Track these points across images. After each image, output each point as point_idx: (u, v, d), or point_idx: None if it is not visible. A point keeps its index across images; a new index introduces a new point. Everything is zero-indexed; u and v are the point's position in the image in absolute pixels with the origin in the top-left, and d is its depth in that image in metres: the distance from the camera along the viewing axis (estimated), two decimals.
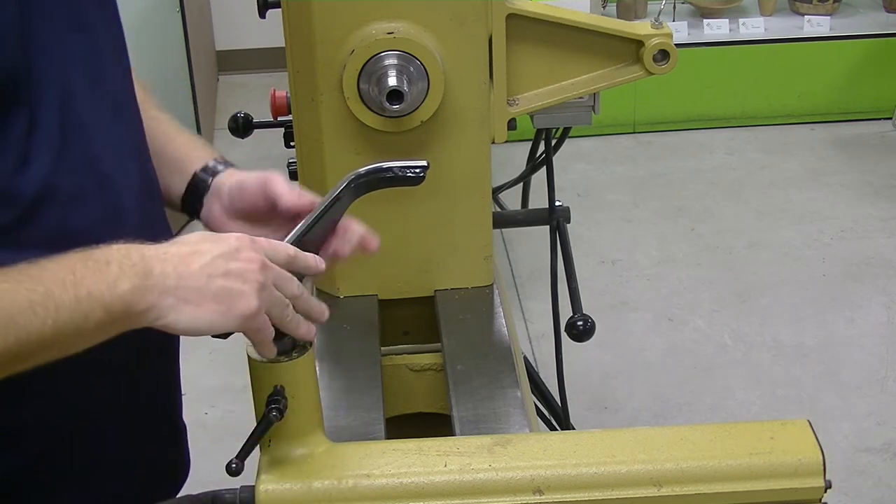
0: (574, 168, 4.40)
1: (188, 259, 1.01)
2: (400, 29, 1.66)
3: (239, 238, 1.05)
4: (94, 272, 0.97)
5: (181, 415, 1.42)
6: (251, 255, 1.04)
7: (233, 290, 1.01)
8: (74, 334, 0.96)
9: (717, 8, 4.72)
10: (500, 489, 1.09)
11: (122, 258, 0.98)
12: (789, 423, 1.14)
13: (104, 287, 0.96)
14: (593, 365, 3.26)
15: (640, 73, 1.89)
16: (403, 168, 1.19)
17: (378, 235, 1.23)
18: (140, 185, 1.20)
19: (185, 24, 4.08)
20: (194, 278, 1.00)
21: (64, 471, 1.19)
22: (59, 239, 1.07)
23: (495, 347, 1.74)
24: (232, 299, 1.01)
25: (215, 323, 1.01)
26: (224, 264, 1.02)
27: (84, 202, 1.11)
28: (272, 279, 1.04)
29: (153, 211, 1.25)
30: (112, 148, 1.15)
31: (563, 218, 2.38)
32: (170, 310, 0.99)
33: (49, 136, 1.06)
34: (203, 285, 1.00)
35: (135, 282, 0.97)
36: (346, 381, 1.64)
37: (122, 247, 1.00)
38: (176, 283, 0.99)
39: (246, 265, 1.02)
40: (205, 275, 1.00)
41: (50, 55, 1.07)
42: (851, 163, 4.45)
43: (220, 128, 4.55)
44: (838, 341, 3.39)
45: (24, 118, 1.04)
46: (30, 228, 1.06)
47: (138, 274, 0.98)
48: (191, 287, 1.00)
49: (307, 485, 1.09)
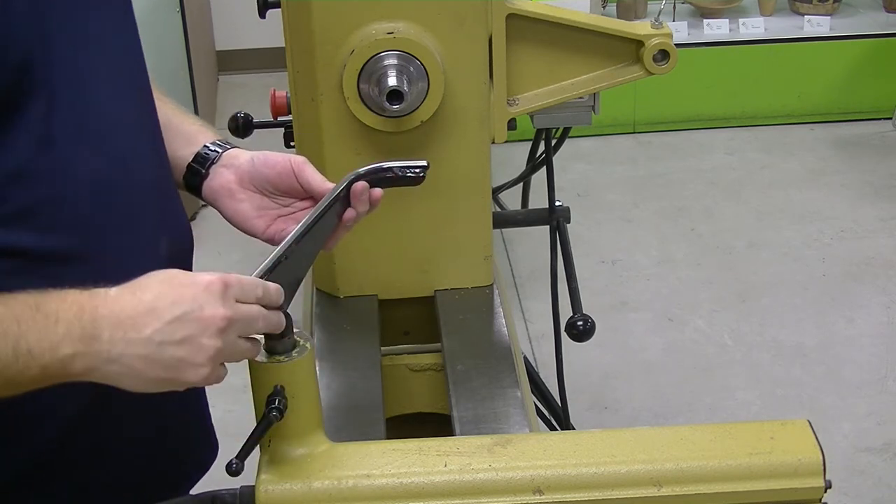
0: (574, 168, 4.40)
1: (141, 321, 0.96)
2: (400, 29, 1.66)
3: (209, 287, 0.98)
4: (41, 328, 0.94)
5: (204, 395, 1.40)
6: (215, 312, 0.97)
7: (184, 360, 0.97)
8: (4, 384, 0.94)
9: (717, 8, 4.72)
10: (500, 489, 1.09)
11: (71, 318, 0.95)
12: (789, 423, 1.14)
13: (46, 346, 0.94)
14: (593, 365, 3.26)
15: (640, 73, 1.90)
16: (403, 168, 1.19)
17: (378, 235, 1.23)
18: (154, 165, 1.20)
19: (185, 24, 4.08)
20: (144, 346, 0.96)
21: (84, 456, 1.19)
22: (82, 221, 1.07)
23: (495, 347, 1.74)
24: (181, 370, 0.97)
25: (162, 388, 0.99)
26: (180, 329, 0.96)
27: (105, 183, 1.10)
28: (237, 331, 1.00)
29: (167, 191, 1.24)
30: (127, 126, 1.15)
31: (563, 218, 2.38)
32: (113, 374, 0.97)
33: (68, 117, 1.06)
34: (152, 353, 0.96)
35: (78, 348, 0.94)
36: (346, 381, 1.64)
37: (74, 301, 0.96)
38: (122, 351, 0.96)
39: (205, 327, 0.97)
40: (156, 342, 0.96)
41: (64, 34, 1.07)
42: (851, 163, 4.45)
43: (220, 128, 4.52)
44: (838, 341, 3.39)
45: (42, 100, 1.04)
46: (53, 211, 1.06)
47: (84, 339, 0.95)
48: (138, 355, 0.96)
49: (307, 485, 1.09)
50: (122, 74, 1.16)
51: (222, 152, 1.27)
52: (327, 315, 1.84)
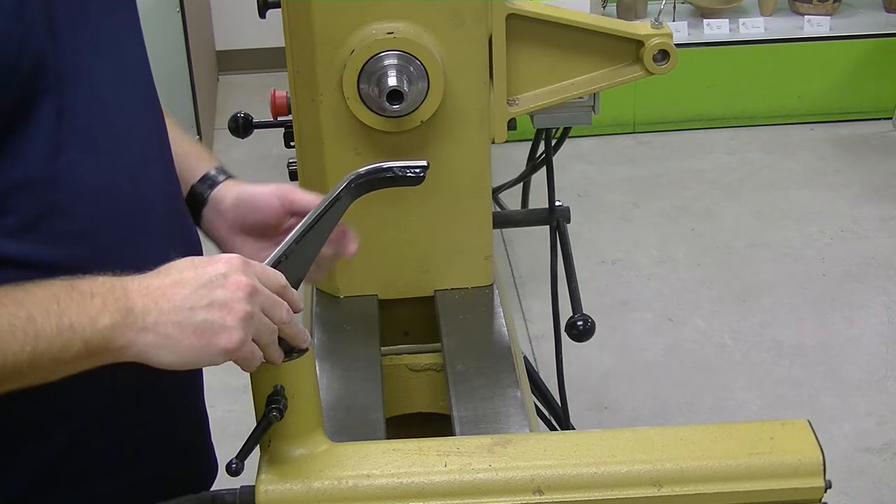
0: (574, 168, 4.40)
1: (171, 291, 0.99)
2: (400, 29, 1.66)
3: (229, 261, 1.02)
4: (78, 303, 0.95)
5: (203, 401, 1.41)
6: (239, 279, 1.00)
7: (214, 323, 0.99)
8: (51, 364, 0.95)
9: (717, 8, 4.72)
10: (500, 489, 1.09)
11: (105, 292, 0.97)
12: (789, 423, 1.14)
13: (86, 320, 0.95)
14: (593, 365, 3.26)
15: (640, 73, 1.89)
16: (403, 168, 1.19)
17: (378, 235, 1.23)
18: (162, 175, 1.19)
19: (185, 24, 4.08)
20: (175, 312, 0.98)
21: (93, 466, 1.18)
22: (91, 231, 1.07)
23: (495, 347, 1.74)
24: (214, 334, 0.99)
25: (197, 359, 1.00)
26: (208, 294, 0.99)
27: (115, 193, 1.10)
28: (260, 305, 1.02)
29: (175, 202, 1.24)
30: (136, 136, 1.14)
31: (563, 218, 2.38)
32: (149, 347, 0.98)
33: (78, 125, 1.06)
34: (184, 319, 0.98)
35: (116, 318, 0.96)
36: (346, 381, 1.64)
37: (106, 280, 0.98)
38: (156, 320, 0.97)
39: (232, 293, 0.99)
40: (186, 307, 0.98)
41: (74, 42, 1.06)
42: (851, 163, 4.45)
43: (220, 128, 4.55)
44: (838, 341, 3.39)
45: (52, 107, 1.03)
46: (62, 221, 1.05)
47: (120, 310, 0.97)
48: (171, 322, 0.98)
49: (307, 485, 1.09)
50: (131, 83, 1.16)
51: (209, 193, 1.27)
52: (327, 315, 1.84)
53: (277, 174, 3.94)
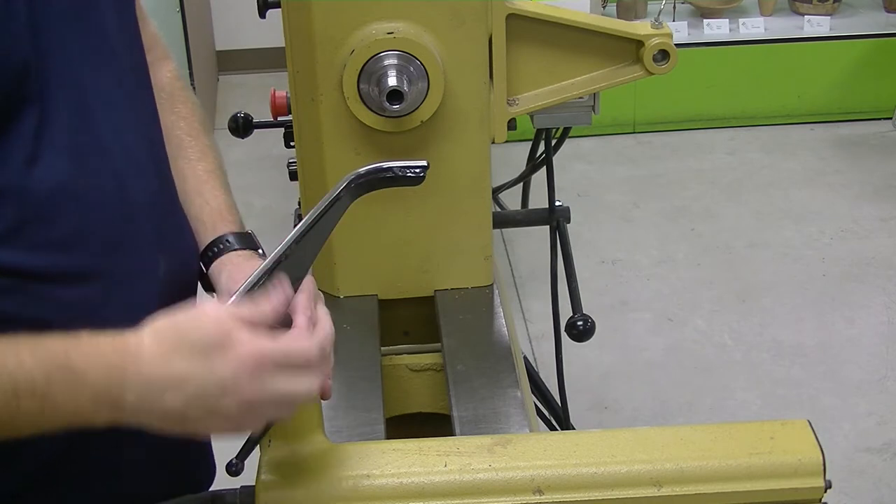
0: (574, 168, 4.40)
1: (170, 395, 0.95)
2: (400, 29, 1.66)
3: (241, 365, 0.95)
4: (69, 390, 0.94)
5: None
6: (250, 390, 0.96)
7: (209, 426, 0.98)
8: (30, 430, 0.96)
9: (717, 8, 4.72)
10: (500, 489, 1.09)
11: (99, 383, 0.94)
12: (789, 423, 1.14)
13: (72, 408, 0.94)
14: (593, 365, 3.26)
15: (640, 73, 1.89)
16: (403, 168, 1.19)
17: (378, 235, 1.23)
18: (153, 182, 1.18)
19: (185, 24, 4.08)
20: (164, 416, 0.96)
21: (93, 463, 1.18)
22: (74, 239, 1.05)
23: (495, 347, 1.74)
24: (200, 432, 0.99)
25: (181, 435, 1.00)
26: (206, 405, 0.96)
27: (99, 201, 1.08)
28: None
29: (168, 210, 1.22)
30: (126, 143, 1.13)
31: (563, 218, 2.38)
32: (134, 425, 0.97)
33: (60, 132, 1.04)
34: (171, 423, 0.97)
35: (104, 415, 0.96)
36: (346, 381, 1.64)
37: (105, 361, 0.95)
38: (143, 419, 0.96)
39: (234, 409, 0.96)
40: (178, 414, 0.96)
41: (61, 49, 1.05)
42: (851, 163, 4.45)
43: (220, 128, 4.54)
44: (838, 341, 3.39)
45: (34, 114, 1.02)
46: (44, 228, 1.04)
47: (111, 408, 0.95)
48: (159, 420, 0.97)
49: (307, 485, 1.09)
50: (125, 90, 1.14)
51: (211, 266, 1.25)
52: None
53: (277, 174, 3.94)
